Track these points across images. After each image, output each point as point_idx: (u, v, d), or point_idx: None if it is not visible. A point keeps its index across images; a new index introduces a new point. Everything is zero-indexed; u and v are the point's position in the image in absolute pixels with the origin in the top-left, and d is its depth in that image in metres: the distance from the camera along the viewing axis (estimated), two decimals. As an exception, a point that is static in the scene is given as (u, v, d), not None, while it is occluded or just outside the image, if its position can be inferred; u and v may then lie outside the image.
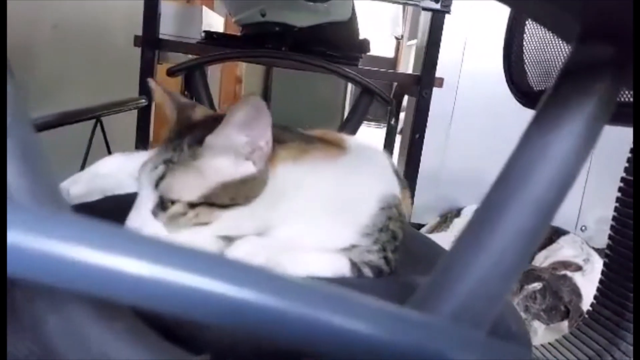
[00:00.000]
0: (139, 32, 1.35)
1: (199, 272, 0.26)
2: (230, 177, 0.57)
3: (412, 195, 1.52)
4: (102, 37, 1.58)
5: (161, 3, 1.36)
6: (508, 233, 0.32)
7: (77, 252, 0.23)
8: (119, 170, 0.95)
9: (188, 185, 0.56)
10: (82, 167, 1.01)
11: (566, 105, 0.32)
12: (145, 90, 1.32)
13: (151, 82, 0.68)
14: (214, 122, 0.59)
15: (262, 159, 0.58)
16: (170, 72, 1.20)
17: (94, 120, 1.09)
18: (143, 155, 0.98)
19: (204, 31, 1.50)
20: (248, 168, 0.58)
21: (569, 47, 0.37)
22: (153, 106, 1.35)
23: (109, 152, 1.12)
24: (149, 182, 0.56)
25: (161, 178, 0.56)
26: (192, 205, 0.56)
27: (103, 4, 1.56)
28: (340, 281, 0.58)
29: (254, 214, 0.58)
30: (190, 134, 0.59)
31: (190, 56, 1.34)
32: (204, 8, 1.56)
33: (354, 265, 0.60)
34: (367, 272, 0.61)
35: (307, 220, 0.61)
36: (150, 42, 1.32)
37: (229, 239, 0.58)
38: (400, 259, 0.68)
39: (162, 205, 0.56)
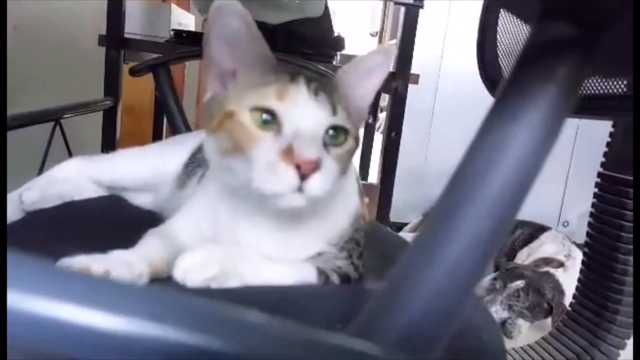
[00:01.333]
0: (104, 31, 1.30)
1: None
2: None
3: (391, 194, 1.49)
4: (66, 38, 1.52)
5: (127, 1, 1.31)
6: (462, 240, 0.28)
7: None
8: (78, 174, 0.90)
9: (348, 113, 0.54)
10: (40, 173, 0.96)
11: (525, 94, 0.29)
12: (110, 91, 1.28)
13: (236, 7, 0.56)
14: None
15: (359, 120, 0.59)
16: (133, 72, 1.15)
17: (53, 124, 1.04)
18: (105, 158, 0.94)
19: (173, 30, 1.45)
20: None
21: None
22: (119, 107, 1.30)
23: (70, 157, 1.07)
24: (318, 107, 0.52)
25: (333, 104, 0.52)
26: (356, 138, 0.56)
27: (66, 4, 1.50)
28: (304, 289, 0.55)
29: None
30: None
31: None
32: (173, 6, 1.52)
33: (321, 272, 0.57)
34: (335, 278, 0.58)
35: (283, 226, 0.58)
36: (114, 41, 1.27)
37: None
38: (373, 263, 0.65)
39: (334, 140, 0.53)
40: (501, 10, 0.82)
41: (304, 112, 0.51)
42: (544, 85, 0.29)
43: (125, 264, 0.48)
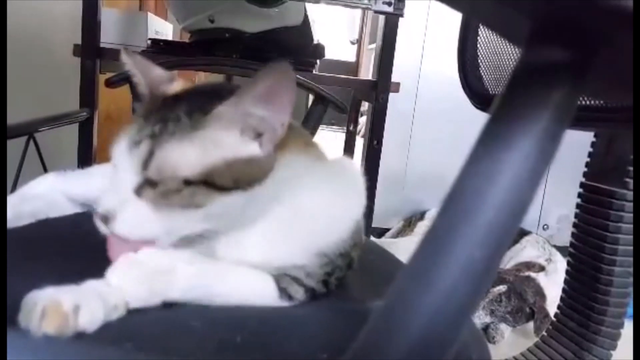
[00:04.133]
0: (79, 41, 1.27)
1: None
2: (235, 155, 0.50)
3: (373, 202, 1.48)
4: (39, 47, 1.48)
5: (102, 10, 1.29)
6: (455, 270, 0.27)
7: None
8: (52, 190, 0.88)
9: (186, 158, 0.49)
10: (13, 190, 0.93)
11: (517, 119, 0.28)
12: (86, 103, 1.25)
13: (124, 55, 0.60)
14: (209, 90, 0.53)
15: (272, 142, 0.52)
16: (109, 83, 1.12)
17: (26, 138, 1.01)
18: (80, 174, 0.91)
19: (150, 39, 1.43)
20: (254, 149, 0.51)
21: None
22: (96, 119, 1.28)
23: (46, 172, 1.04)
24: (130, 161, 0.49)
25: (149, 156, 0.49)
26: (189, 183, 0.49)
27: (40, 12, 1.46)
28: (286, 312, 0.53)
29: (250, 204, 0.52)
30: (184, 103, 0.51)
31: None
32: (150, 15, 1.49)
33: (282, 290, 0.55)
34: (300, 295, 0.56)
35: (273, 230, 0.54)
36: (90, 51, 1.25)
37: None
38: (355, 277, 0.64)
39: (150, 182, 0.49)
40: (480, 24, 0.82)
41: (119, 164, 0.51)
42: (537, 111, 0.28)
43: (98, 295, 0.45)
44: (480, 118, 0.32)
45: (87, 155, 1.26)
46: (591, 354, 0.73)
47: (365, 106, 1.91)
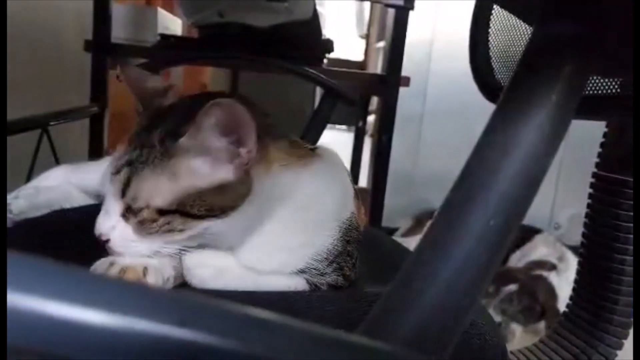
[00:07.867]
0: (90, 36, 1.28)
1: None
2: (206, 182, 0.51)
3: (383, 198, 1.48)
4: (50, 43, 1.49)
5: (112, 5, 1.29)
6: (471, 239, 0.27)
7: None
8: (65, 182, 0.89)
9: (158, 189, 0.50)
10: (27, 181, 0.94)
11: (529, 94, 0.28)
12: (97, 97, 1.26)
13: (120, 71, 0.62)
14: (187, 108, 0.53)
15: (240, 167, 0.52)
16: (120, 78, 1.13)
17: (39, 131, 1.02)
18: (91, 166, 0.92)
19: (160, 34, 1.43)
20: (227, 174, 0.51)
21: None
22: (106, 113, 1.28)
23: (58, 164, 1.05)
24: (113, 189, 0.52)
25: (126, 184, 0.51)
26: (163, 212, 0.50)
27: (49, 7, 1.47)
28: (301, 294, 0.55)
29: (232, 224, 0.52)
30: (161, 125, 0.52)
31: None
32: (159, 10, 1.50)
33: (311, 285, 0.58)
34: (324, 289, 0.58)
35: (270, 240, 0.56)
36: (101, 46, 1.26)
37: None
38: (369, 268, 0.64)
39: (130, 209, 0.52)
40: (495, 9, 0.81)
41: (108, 190, 0.53)
42: (550, 85, 0.28)
43: (156, 267, 0.51)
44: (489, 115, 0.32)
45: (98, 148, 1.27)
46: (603, 342, 0.73)
47: (373, 105, 1.91)
